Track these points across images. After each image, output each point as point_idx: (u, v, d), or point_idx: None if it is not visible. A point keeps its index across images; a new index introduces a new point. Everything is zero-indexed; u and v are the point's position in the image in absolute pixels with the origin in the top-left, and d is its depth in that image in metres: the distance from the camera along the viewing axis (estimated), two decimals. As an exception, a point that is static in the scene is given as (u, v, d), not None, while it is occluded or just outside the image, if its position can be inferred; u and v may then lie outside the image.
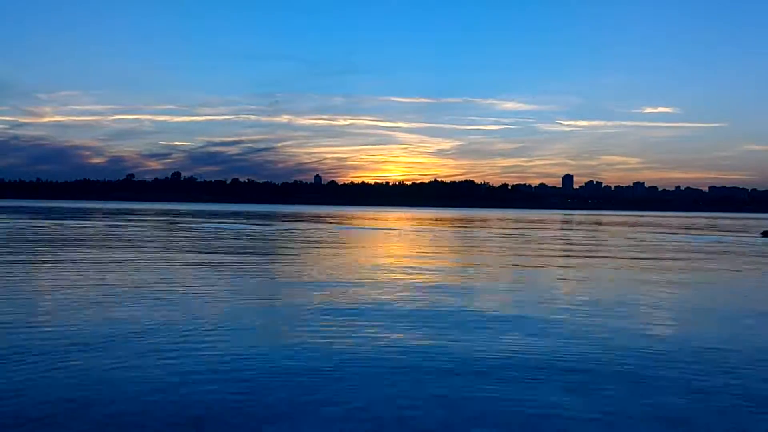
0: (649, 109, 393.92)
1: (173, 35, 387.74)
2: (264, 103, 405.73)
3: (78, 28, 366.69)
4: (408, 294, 12.38)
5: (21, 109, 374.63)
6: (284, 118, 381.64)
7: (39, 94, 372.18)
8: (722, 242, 31.69)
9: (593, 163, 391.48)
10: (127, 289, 12.33)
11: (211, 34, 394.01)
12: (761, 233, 36.13)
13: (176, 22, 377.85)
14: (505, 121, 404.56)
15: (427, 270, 17.16)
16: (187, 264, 17.51)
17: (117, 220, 49.70)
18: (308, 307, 10.58)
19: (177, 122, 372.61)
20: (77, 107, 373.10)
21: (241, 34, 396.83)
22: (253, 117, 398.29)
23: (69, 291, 11.93)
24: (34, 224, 39.52)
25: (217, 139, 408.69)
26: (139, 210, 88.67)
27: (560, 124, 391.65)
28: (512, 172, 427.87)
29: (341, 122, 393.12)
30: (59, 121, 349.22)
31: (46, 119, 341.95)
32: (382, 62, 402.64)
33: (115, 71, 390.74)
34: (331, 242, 28.61)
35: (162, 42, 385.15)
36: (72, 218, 51.94)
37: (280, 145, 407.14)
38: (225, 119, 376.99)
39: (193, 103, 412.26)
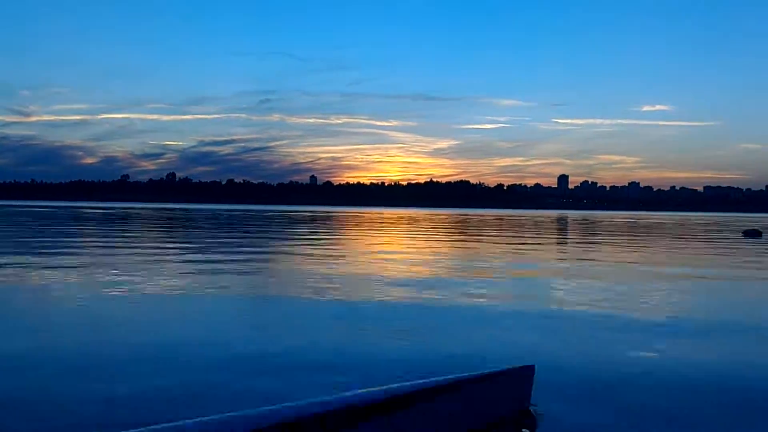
0: (647, 107, 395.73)
1: (160, 32, 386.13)
2: (255, 101, 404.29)
3: (62, 24, 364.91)
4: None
5: (6, 108, 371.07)
6: (277, 117, 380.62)
7: (23, 91, 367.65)
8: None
9: (590, 162, 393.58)
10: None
11: (201, 30, 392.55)
12: (743, 232, 35.91)
13: (163, 19, 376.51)
14: (502, 120, 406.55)
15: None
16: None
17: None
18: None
19: (167, 121, 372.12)
20: (64, 106, 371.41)
21: (230, 31, 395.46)
22: (244, 116, 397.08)
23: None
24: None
25: (208, 139, 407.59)
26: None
27: (557, 122, 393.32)
28: (509, 172, 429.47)
29: (335, 121, 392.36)
30: (47, 120, 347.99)
31: (33, 118, 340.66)
32: (377, 59, 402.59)
33: (101, 68, 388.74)
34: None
35: (149, 39, 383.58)
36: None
37: (273, 144, 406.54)
38: (216, 118, 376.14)
39: (182, 102, 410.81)
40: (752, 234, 35.89)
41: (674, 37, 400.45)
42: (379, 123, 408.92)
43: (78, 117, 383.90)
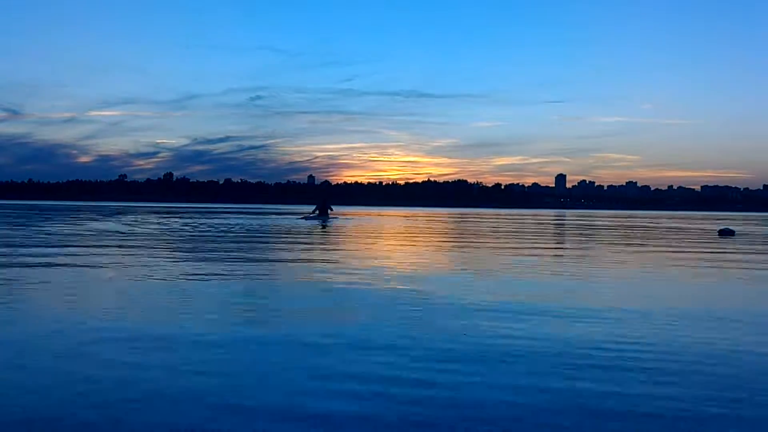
0: (647, 105, 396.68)
1: (145, 26, 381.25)
2: (245, 98, 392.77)
3: (50, 21, 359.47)
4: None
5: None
6: (269, 114, 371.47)
7: (11, 88, 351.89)
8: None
9: (589, 160, 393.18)
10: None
11: (187, 24, 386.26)
12: (718, 231, 35.57)
13: (149, 12, 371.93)
14: (500, 118, 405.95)
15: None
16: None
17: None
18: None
19: (157, 119, 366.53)
20: (52, 103, 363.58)
21: (216, 25, 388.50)
22: (236, 113, 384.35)
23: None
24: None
25: (201, 137, 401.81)
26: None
27: (555, 120, 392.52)
28: (507, 171, 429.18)
29: (330, 119, 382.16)
30: (38, 117, 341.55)
31: (23, 116, 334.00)
32: (369, 55, 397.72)
33: (87, 65, 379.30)
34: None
35: (135, 34, 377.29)
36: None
37: (268, 142, 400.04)
38: (207, 115, 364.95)
39: (171, 99, 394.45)
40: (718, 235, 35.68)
41: (674, 34, 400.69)
42: (375, 121, 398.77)
43: (67, 114, 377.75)
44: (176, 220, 40.84)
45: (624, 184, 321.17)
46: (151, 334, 6.13)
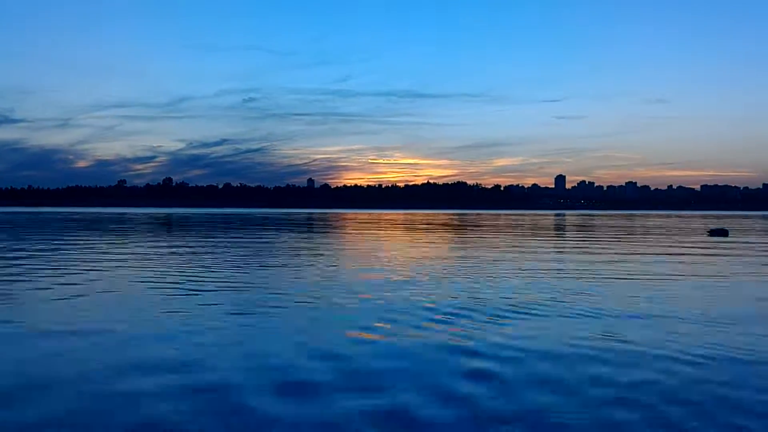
0: (648, 105, 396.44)
1: (141, 30, 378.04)
2: (240, 100, 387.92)
3: (40, 23, 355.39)
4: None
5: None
6: (263, 117, 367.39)
7: (4, 93, 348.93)
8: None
9: (589, 160, 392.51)
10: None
11: (182, 27, 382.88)
12: (708, 232, 35.72)
13: (143, 17, 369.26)
14: (498, 118, 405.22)
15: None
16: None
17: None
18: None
19: (152, 122, 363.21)
20: (44, 107, 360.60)
21: (211, 26, 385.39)
22: (229, 115, 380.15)
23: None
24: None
25: (197, 141, 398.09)
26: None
27: (556, 120, 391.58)
28: (507, 172, 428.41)
29: (327, 120, 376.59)
30: (31, 122, 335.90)
31: (16, 120, 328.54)
32: (362, 54, 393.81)
33: (77, 67, 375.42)
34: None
35: (128, 36, 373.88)
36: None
37: (264, 145, 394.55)
38: (201, 118, 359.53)
39: (164, 102, 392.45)
40: (719, 232, 35.09)
41: (676, 33, 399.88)
42: (371, 122, 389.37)
43: (60, 118, 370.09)
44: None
45: (624, 184, 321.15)
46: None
